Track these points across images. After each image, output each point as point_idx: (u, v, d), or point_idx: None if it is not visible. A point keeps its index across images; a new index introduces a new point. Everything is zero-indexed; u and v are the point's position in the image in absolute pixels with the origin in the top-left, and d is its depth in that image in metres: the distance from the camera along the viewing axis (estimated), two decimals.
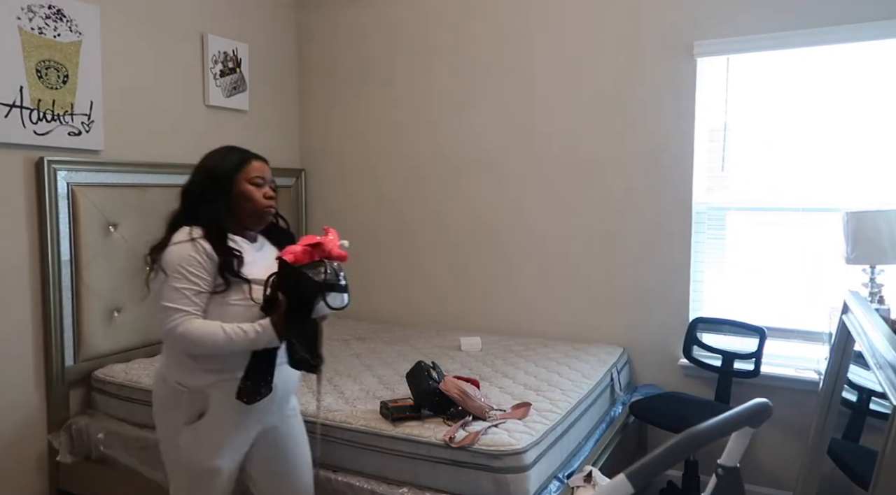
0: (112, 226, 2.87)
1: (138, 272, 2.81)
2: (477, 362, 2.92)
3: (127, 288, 2.90)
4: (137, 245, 2.77)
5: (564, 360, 2.92)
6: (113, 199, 2.87)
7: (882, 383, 1.67)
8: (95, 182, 2.80)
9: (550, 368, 2.80)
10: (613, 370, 2.92)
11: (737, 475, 1.29)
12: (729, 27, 2.92)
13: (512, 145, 3.42)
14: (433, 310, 3.71)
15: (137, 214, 2.92)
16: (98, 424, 2.68)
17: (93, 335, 2.82)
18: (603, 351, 3.08)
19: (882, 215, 2.48)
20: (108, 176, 2.86)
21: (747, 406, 1.25)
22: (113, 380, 2.73)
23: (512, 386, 2.58)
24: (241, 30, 3.53)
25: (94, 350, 2.83)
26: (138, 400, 2.60)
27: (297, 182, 3.88)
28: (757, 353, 2.84)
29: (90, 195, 2.78)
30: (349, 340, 3.33)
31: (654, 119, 3.10)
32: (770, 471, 2.98)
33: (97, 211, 2.80)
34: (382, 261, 3.81)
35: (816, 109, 2.86)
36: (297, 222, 3.78)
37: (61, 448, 2.71)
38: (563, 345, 3.19)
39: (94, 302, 2.81)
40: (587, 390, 2.58)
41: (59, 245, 2.68)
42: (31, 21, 2.52)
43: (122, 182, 2.90)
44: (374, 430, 2.17)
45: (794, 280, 2.95)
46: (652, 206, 3.13)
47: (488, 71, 3.44)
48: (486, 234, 3.52)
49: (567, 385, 2.59)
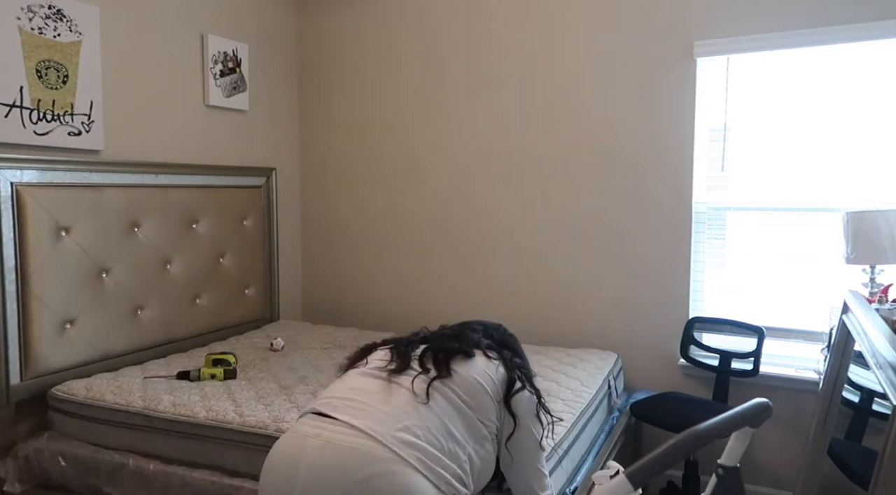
0: (64, 230, 2.61)
1: (93, 280, 2.71)
2: None
3: (81, 298, 2.66)
4: (94, 251, 2.71)
5: (560, 368, 2.83)
6: (64, 201, 2.59)
7: (882, 383, 1.68)
8: (44, 182, 2.53)
9: (547, 377, 2.69)
10: (610, 377, 2.86)
11: (737, 475, 1.29)
12: (729, 27, 2.92)
13: (511, 145, 3.42)
14: (417, 316, 3.69)
15: (92, 216, 2.69)
16: (56, 447, 2.39)
17: (43, 349, 2.54)
18: (597, 357, 3.00)
19: (882, 215, 2.48)
20: (61, 175, 2.59)
21: (748, 406, 1.25)
22: (73, 398, 2.46)
23: None
24: (241, 30, 3.53)
25: (45, 366, 2.55)
26: (102, 419, 2.39)
27: (268, 182, 3.66)
28: (756, 352, 2.85)
29: (38, 196, 2.50)
30: (329, 348, 3.14)
31: (654, 119, 3.10)
32: (770, 471, 2.98)
33: (46, 213, 2.53)
34: (385, 263, 3.81)
35: (816, 109, 2.86)
36: (267, 224, 3.64)
37: (9, 476, 2.39)
38: (556, 351, 3.10)
39: (43, 313, 2.53)
40: (588, 400, 2.50)
41: (2, 251, 2.40)
42: (31, 21, 2.51)
43: (74, 182, 2.64)
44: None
45: (794, 280, 2.95)
46: (652, 206, 3.13)
47: (488, 72, 3.44)
48: (480, 236, 3.52)
49: (567, 395, 2.50)
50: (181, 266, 3.12)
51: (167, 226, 3.03)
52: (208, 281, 3.27)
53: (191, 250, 3.16)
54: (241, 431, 2.18)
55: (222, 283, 3.36)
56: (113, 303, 2.81)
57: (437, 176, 3.62)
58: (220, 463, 2.20)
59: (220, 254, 3.34)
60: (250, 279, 3.54)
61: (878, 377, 1.72)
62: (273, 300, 3.71)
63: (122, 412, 2.36)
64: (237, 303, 3.46)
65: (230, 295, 3.41)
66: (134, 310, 2.91)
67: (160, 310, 3.02)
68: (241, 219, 3.48)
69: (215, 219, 3.29)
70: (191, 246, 3.16)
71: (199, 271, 3.21)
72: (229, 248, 3.39)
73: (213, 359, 2.67)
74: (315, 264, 4.00)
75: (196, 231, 3.19)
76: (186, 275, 3.14)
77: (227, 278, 3.39)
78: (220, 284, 3.35)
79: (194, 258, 3.18)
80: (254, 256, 3.56)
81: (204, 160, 3.32)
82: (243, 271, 3.49)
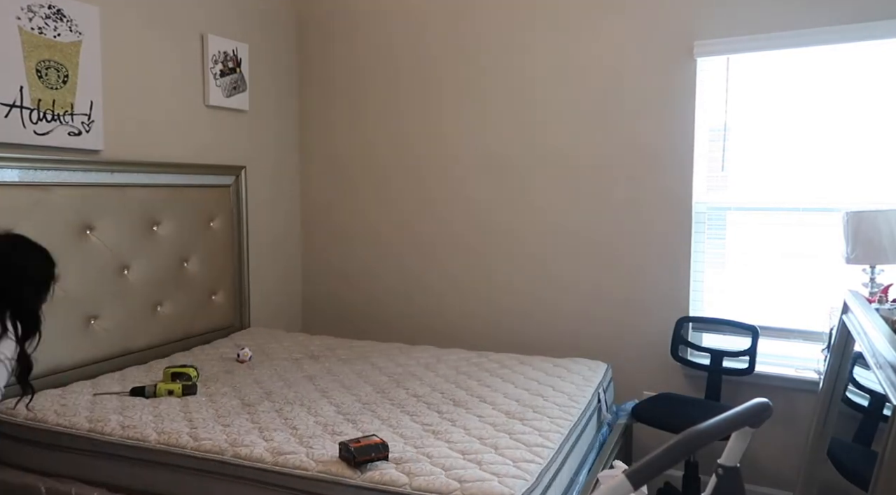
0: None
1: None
2: (449, 384, 2.57)
3: None
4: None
5: (547, 380, 2.63)
6: (4, 198, 2.39)
7: (882, 383, 1.68)
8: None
9: (532, 390, 2.50)
10: (600, 390, 2.66)
11: (737, 475, 1.29)
12: (729, 27, 2.92)
13: (510, 146, 3.42)
14: (416, 315, 3.69)
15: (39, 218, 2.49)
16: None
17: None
18: (586, 368, 2.81)
19: (882, 215, 2.48)
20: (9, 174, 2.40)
21: (748, 406, 1.25)
22: (12, 419, 2.22)
23: (492, 414, 2.25)
24: (241, 30, 3.53)
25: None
26: (45, 443, 2.17)
27: (237, 181, 3.45)
28: (750, 351, 2.86)
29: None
30: (300, 359, 2.93)
31: (654, 119, 3.10)
32: (770, 471, 2.98)
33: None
34: (385, 263, 3.81)
35: (816, 109, 2.87)
36: (236, 224, 3.45)
37: None
38: (543, 361, 2.90)
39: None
40: (577, 416, 2.28)
41: None
42: (31, 21, 2.51)
43: (18, 181, 2.43)
44: (335, 478, 1.79)
45: (794, 280, 2.95)
46: (652, 206, 3.13)
47: (489, 72, 3.44)
48: (480, 237, 3.52)
49: (554, 411, 2.28)
50: (140, 271, 2.91)
51: (125, 228, 2.83)
52: (171, 286, 3.06)
53: (151, 254, 2.96)
54: (194, 456, 1.96)
55: (187, 289, 3.15)
56: (63, 312, 2.55)
57: (436, 176, 3.62)
58: (172, 491, 2.00)
59: (183, 258, 3.14)
60: (218, 284, 3.34)
61: (878, 377, 1.72)
62: (243, 306, 3.51)
63: (66, 435, 2.13)
64: (203, 310, 3.25)
65: (195, 301, 3.20)
66: (87, 320, 2.69)
67: (116, 318, 2.80)
68: (208, 221, 3.28)
69: (178, 221, 3.08)
70: (151, 249, 2.96)
71: (160, 276, 3.00)
72: (194, 252, 3.19)
73: (172, 372, 2.49)
74: (315, 264, 4.00)
75: (157, 233, 2.99)
76: (146, 280, 2.94)
77: (192, 283, 3.19)
78: (185, 290, 3.14)
79: (155, 262, 2.98)
80: (223, 260, 3.37)
81: (204, 160, 3.32)
82: (210, 276, 3.28)
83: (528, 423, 2.17)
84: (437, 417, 2.23)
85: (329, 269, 3.95)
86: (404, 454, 1.90)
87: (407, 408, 2.31)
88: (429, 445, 1.98)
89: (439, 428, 2.12)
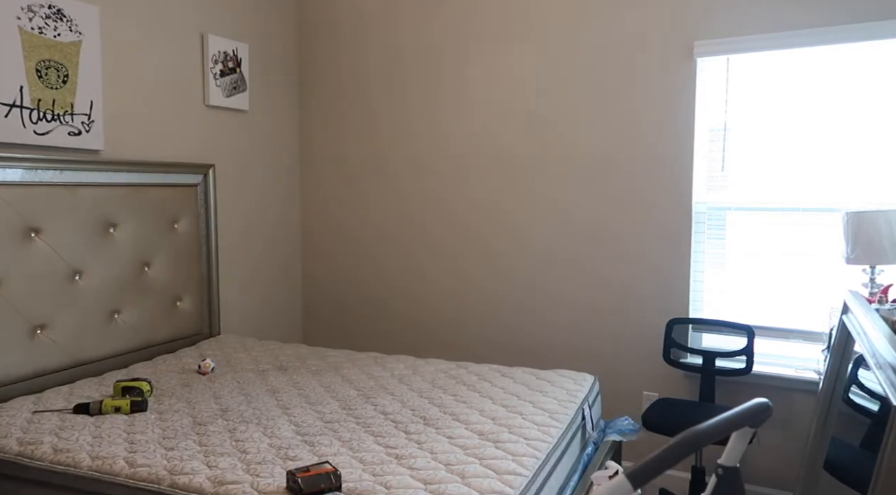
0: None
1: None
2: (422, 399, 2.39)
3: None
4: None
5: (527, 395, 2.44)
6: None
7: (882, 383, 1.68)
8: None
9: (511, 407, 2.31)
10: (585, 405, 2.44)
11: (737, 475, 1.29)
12: (729, 27, 2.92)
13: (509, 146, 3.42)
14: (417, 313, 3.69)
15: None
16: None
17: None
18: (570, 381, 2.61)
19: (882, 215, 2.48)
20: None
21: (748, 406, 1.25)
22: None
23: (464, 435, 2.05)
24: (241, 30, 3.54)
25: None
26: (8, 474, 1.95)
27: (205, 180, 3.26)
28: (746, 351, 2.86)
29: None
30: (267, 370, 2.74)
31: (654, 119, 3.10)
32: (770, 471, 2.98)
33: None
34: (386, 262, 3.81)
35: (816, 109, 2.87)
36: (204, 225, 3.26)
37: None
38: (524, 373, 2.72)
39: None
40: (557, 437, 2.09)
41: None
42: (31, 21, 2.51)
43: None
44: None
45: (794, 280, 2.95)
46: (652, 206, 3.13)
47: (489, 72, 3.44)
48: (482, 236, 3.53)
49: (532, 432, 2.08)
50: (95, 276, 2.71)
51: (76, 231, 2.63)
52: (130, 292, 2.86)
53: (107, 258, 2.76)
54: (127, 486, 1.77)
55: (148, 295, 2.95)
56: (3, 321, 2.39)
57: (437, 176, 3.62)
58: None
59: (144, 263, 2.94)
60: (183, 289, 3.14)
61: (878, 377, 1.72)
62: (212, 313, 3.30)
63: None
64: (167, 318, 3.05)
65: (158, 308, 3.00)
66: (32, 329, 2.49)
67: (66, 327, 2.60)
68: (172, 223, 3.08)
69: (139, 223, 2.89)
70: (107, 253, 2.76)
71: (118, 282, 2.80)
72: (156, 255, 2.99)
73: (123, 386, 2.30)
74: (315, 265, 4.00)
75: (114, 236, 2.80)
76: (101, 286, 2.74)
77: (155, 289, 2.98)
78: (146, 296, 2.94)
79: (112, 267, 2.78)
80: (189, 264, 3.17)
81: (204, 160, 3.31)
82: (175, 281, 3.09)
83: (501, 447, 1.98)
84: (404, 439, 2.04)
85: (330, 272, 3.95)
86: (360, 484, 1.71)
87: (372, 428, 2.12)
88: (389, 472, 1.79)
89: (404, 451, 1.94)
